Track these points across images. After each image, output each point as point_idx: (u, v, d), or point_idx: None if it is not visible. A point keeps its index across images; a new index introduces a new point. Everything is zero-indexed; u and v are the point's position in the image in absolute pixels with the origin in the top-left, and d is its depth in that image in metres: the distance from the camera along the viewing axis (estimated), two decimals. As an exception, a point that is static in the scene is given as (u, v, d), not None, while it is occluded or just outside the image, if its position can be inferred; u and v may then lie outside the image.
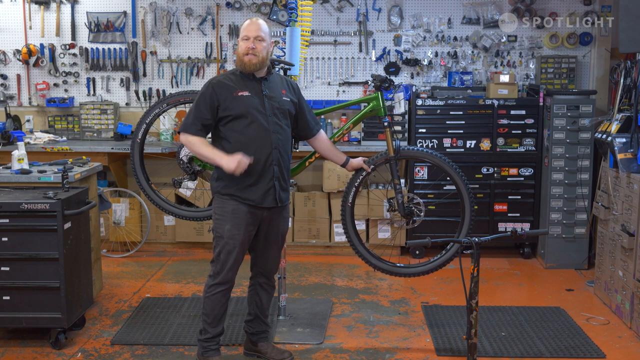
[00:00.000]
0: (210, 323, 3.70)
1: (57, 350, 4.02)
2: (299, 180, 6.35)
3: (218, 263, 3.64)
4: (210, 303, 3.67)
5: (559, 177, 5.67)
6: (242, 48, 3.57)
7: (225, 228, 3.60)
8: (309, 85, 6.35)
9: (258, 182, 3.58)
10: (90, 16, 6.31)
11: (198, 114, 3.57)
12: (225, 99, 3.55)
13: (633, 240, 4.38)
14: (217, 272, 3.65)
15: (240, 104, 3.55)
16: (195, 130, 3.57)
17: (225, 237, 3.60)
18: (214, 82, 3.60)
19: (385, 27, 6.27)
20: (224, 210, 3.61)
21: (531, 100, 5.87)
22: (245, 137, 3.54)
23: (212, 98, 3.55)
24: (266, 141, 3.57)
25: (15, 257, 3.97)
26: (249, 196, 3.58)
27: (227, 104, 3.54)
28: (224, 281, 3.66)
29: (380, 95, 4.09)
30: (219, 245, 3.63)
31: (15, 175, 4.39)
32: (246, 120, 3.55)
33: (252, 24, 3.59)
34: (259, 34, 3.56)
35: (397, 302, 4.89)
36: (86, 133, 6.32)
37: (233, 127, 3.56)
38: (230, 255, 3.61)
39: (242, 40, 3.58)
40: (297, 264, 5.78)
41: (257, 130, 3.56)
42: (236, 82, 3.60)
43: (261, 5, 6.22)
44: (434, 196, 5.82)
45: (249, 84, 3.61)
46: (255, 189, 3.58)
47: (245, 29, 3.59)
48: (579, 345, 4.11)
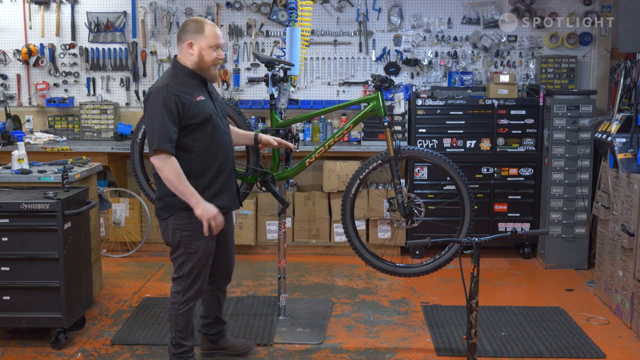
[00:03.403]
0: (184, 337, 3.57)
1: (57, 350, 4.02)
2: (299, 180, 6.35)
3: (189, 278, 3.47)
4: (184, 319, 3.53)
5: (559, 177, 5.67)
6: (212, 57, 3.39)
7: (201, 243, 3.43)
8: (309, 85, 6.35)
9: (226, 187, 3.51)
10: (90, 16, 6.31)
11: (166, 128, 3.24)
12: (188, 106, 3.31)
13: (633, 240, 4.38)
14: (188, 286, 3.49)
15: (201, 110, 3.35)
16: (170, 147, 3.24)
17: (201, 252, 3.45)
18: (172, 91, 3.28)
19: (385, 27, 6.27)
20: (197, 225, 3.36)
21: (531, 100, 5.87)
22: (211, 144, 3.40)
23: (177, 107, 3.27)
24: (227, 145, 3.50)
25: (15, 257, 3.98)
26: (221, 203, 3.44)
27: (190, 112, 3.31)
28: (197, 294, 3.55)
29: (380, 95, 4.09)
30: (191, 261, 3.44)
31: (15, 175, 4.39)
32: (209, 126, 3.38)
33: (217, 29, 3.42)
34: (223, 41, 3.47)
35: (397, 302, 4.89)
36: (86, 133, 6.32)
37: (197, 135, 3.35)
38: (205, 268, 3.51)
39: (212, 48, 3.38)
40: (297, 264, 5.78)
41: (219, 136, 3.44)
42: (190, 87, 3.38)
43: (261, 5, 6.22)
44: (434, 196, 5.82)
45: (200, 87, 3.44)
46: (224, 195, 3.50)
47: (214, 35, 3.39)
48: (579, 345, 4.11)
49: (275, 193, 4.21)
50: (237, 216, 5.93)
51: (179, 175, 3.28)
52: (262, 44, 6.32)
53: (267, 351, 4.03)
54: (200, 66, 3.42)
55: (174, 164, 3.27)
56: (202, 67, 3.42)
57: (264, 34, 6.30)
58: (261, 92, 6.37)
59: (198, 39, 3.39)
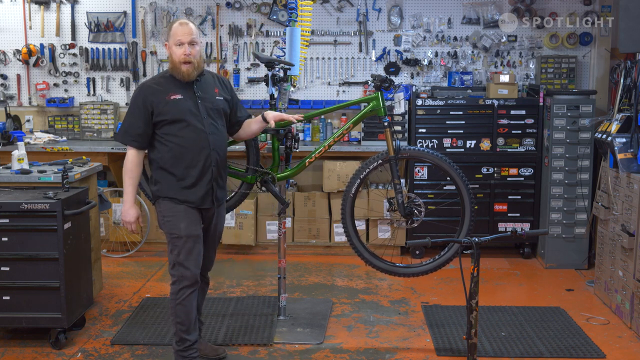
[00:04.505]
0: (186, 331, 3.58)
1: (57, 350, 4.02)
2: (299, 180, 6.35)
3: (178, 264, 3.53)
4: (183, 309, 3.55)
5: (559, 177, 5.67)
6: (177, 55, 3.46)
7: (181, 227, 3.52)
8: (309, 85, 6.35)
9: (197, 184, 3.54)
10: (90, 16, 6.31)
11: (131, 122, 3.52)
12: (158, 103, 3.48)
13: (633, 240, 4.38)
14: (181, 275, 3.54)
15: (173, 108, 3.48)
16: (129, 141, 3.52)
17: (183, 235, 3.51)
18: (144, 88, 3.54)
19: (385, 27, 6.27)
20: (176, 210, 3.53)
21: (531, 100, 5.87)
22: (182, 140, 3.49)
23: (145, 104, 3.48)
24: (204, 143, 3.53)
25: (15, 257, 3.98)
26: (188, 198, 3.54)
27: (160, 109, 3.48)
28: (192, 281, 3.56)
29: (380, 95, 4.09)
30: (177, 246, 3.53)
31: (15, 175, 4.39)
32: (181, 124, 3.49)
33: (183, 26, 3.47)
34: (192, 37, 3.48)
35: (397, 302, 4.89)
36: (86, 133, 6.33)
37: (169, 131, 3.50)
38: (192, 252, 3.54)
39: (176, 45, 3.46)
40: (297, 264, 5.78)
41: (193, 133, 3.50)
42: (167, 86, 3.52)
43: (261, 5, 6.22)
44: (434, 196, 5.82)
45: (181, 86, 3.54)
46: (194, 191, 3.54)
47: (176, 32, 3.46)
48: (579, 345, 4.11)
49: (275, 193, 4.21)
50: (237, 216, 5.94)
51: (128, 170, 3.56)
52: (262, 44, 6.32)
53: (267, 351, 4.03)
54: (172, 64, 3.53)
55: (128, 158, 3.55)
56: (172, 65, 3.53)
57: (264, 34, 6.30)
58: (261, 92, 6.37)
59: (169, 39, 3.53)
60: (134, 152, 3.54)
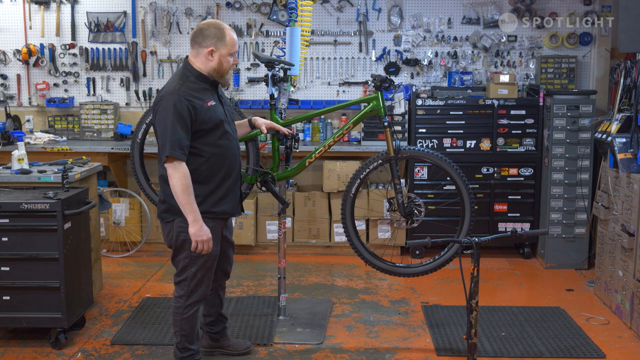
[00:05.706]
0: (190, 341, 3.56)
1: (57, 350, 4.02)
2: (299, 180, 6.35)
3: (192, 281, 3.46)
4: (189, 324, 3.52)
5: (559, 177, 5.67)
6: (229, 64, 3.40)
7: None
8: (309, 85, 6.35)
9: (230, 193, 3.49)
10: (90, 16, 6.31)
11: (180, 135, 3.22)
12: (200, 111, 3.29)
13: (633, 240, 4.38)
14: (192, 290, 3.47)
15: (212, 115, 3.34)
16: (182, 155, 3.22)
17: (205, 255, 3.42)
18: (184, 94, 3.25)
19: (385, 27, 6.27)
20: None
21: (531, 100, 5.87)
22: (219, 150, 3.39)
23: (189, 112, 3.24)
24: (235, 150, 3.49)
25: (15, 257, 3.98)
26: (225, 209, 3.47)
27: (202, 117, 3.29)
28: (202, 298, 3.53)
29: (380, 95, 4.09)
30: (195, 264, 3.42)
31: (15, 175, 4.39)
32: (219, 132, 3.37)
33: (235, 35, 3.42)
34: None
35: (397, 302, 4.89)
36: (86, 133, 6.33)
37: (206, 140, 3.34)
38: (209, 271, 3.51)
39: (231, 55, 3.39)
40: (297, 264, 5.78)
41: (228, 141, 3.44)
42: (201, 91, 3.35)
43: (261, 5, 6.22)
44: (434, 196, 5.82)
45: (210, 91, 3.42)
46: (228, 201, 3.49)
47: (232, 43, 3.39)
48: (579, 345, 4.11)
49: (275, 193, 4.21)
50: (237, 216, 5.94)
51: (186, 187, 3.25)
52: (262, 44, 6.32)
53: (267, 351, 4.04)
54: (219, 73, 3.41)
55: (184, 174, 3.24)
56: (219, 73, 3.41)
57: (264, 34, 6.30)
58: (261, 92, 6.37)
59: (219, 46, 3.36)
60: (185, 166, 3.26)
